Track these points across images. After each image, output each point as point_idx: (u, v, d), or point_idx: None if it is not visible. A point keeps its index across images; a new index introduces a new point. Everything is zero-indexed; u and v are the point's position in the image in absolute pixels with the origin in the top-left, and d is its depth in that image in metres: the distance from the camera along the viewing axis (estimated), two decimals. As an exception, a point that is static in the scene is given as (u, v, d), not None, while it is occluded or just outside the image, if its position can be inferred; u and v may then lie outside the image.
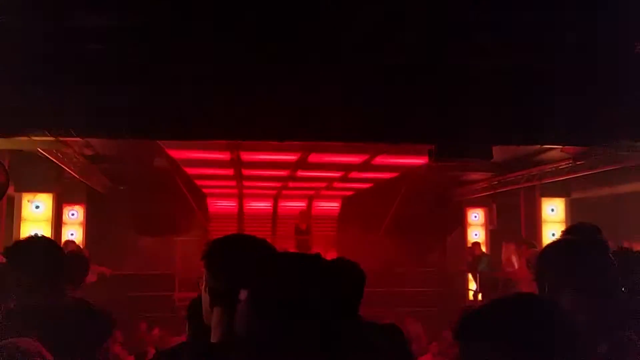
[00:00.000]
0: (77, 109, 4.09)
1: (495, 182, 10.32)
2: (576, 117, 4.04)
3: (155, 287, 10.56)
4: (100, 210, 10.85)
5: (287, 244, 11.08)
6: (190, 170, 9.49)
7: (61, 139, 5.39)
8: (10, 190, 6.76)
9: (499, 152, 7.18)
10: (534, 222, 9.79)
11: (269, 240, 1.60)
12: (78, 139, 5.58)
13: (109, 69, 4.07)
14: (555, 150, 7.26)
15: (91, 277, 9.39)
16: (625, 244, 7.83)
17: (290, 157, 8.05)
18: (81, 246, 9.78)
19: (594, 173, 7.77)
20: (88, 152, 8.29)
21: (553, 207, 9.77)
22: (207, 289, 1.52)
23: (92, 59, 4.02)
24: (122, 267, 10.92)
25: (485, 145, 4.22)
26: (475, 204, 12.12)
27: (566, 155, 7.51)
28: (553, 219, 9.74)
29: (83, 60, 4.01)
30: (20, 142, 5.69)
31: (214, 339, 1.49)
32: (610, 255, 1.84)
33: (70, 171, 8.29)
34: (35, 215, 8.85)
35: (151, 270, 10.97)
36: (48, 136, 4.48)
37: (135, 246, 11.36)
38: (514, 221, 10.33)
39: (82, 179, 9.16)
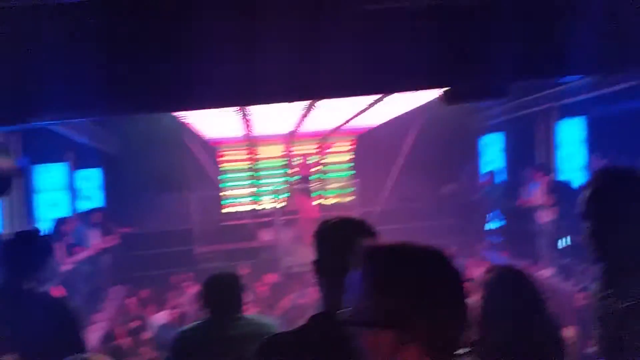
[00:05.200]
0: (90, 89, 3.92)
1: (511, 107, 10.03)
2: (597, 46, 3.81)
3: (176, 243, 10.74)
4: (116, 171, 10.87)
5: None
6: (197, 126, 9.34)
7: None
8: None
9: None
10: (551, 145, 9.61)
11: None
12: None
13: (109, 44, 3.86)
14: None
15: (114, 240, 9.62)
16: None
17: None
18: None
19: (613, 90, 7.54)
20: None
21: (570, 128, 9.55)
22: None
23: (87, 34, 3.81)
24: (143, 226, 11.09)
25: (504, 83, 4.02)
26: (491, 129, 11.92)
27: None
28: (570, 139, 9.54)
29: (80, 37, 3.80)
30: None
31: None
32: None
33: (81, 139, 8.26)
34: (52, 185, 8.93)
35: (170, 227, 11.11)
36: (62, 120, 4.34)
37: (153, 204, 11.45)
38: (531, 145, 10.13)
39: (93, 144, 9.13)
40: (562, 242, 8.73)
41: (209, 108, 5.64)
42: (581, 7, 3.98)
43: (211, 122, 8.88)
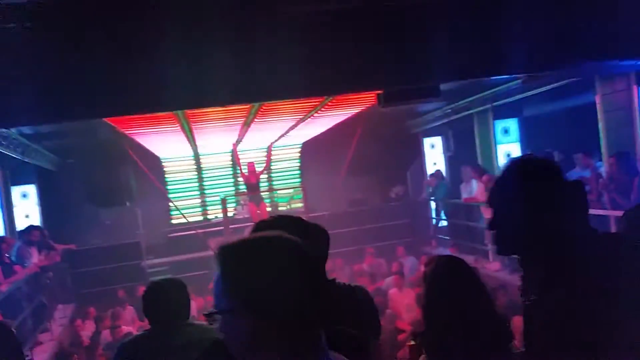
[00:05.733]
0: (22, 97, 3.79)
1: (449, 110, 10.40)
2: (523, 46, 3.99)
3: (122, 257, 10.43)
4: (54, 187, 10.49)
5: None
6: (137, 136, 9.13)
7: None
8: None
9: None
10: (489, 145, 9.95)
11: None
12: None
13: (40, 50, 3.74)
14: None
15: (54, 257, 9.27)
16: (581, 157, 8.00)
17: (242, 111, 7.79)
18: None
19: (543, 90, 7.87)
20: (27, 130, 7.89)
21: (506, 128, 9.92)
22: None
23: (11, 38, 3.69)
24: (87, 242, 10.76)
25: (433, 84, 4.15)
26: (432, 133, 12.24)
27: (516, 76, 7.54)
28: (507, 139, 9.91)
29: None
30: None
31: None
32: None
33: (12, 153, 7.92)
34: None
35: (116, 241, 10.80)
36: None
37: (96, 219, 11.12)
38: (471, 146, 10.47)
39: (26, 159, 8.78)
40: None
41: (149, 112, 5.50)
42: (511, 8, 4.15)
43: (153, 133, 8.71)
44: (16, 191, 9.99)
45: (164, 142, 10.22)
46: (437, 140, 12.42)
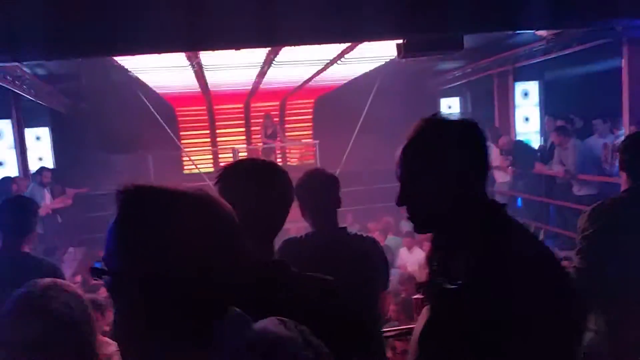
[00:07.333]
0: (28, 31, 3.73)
1: (469, 70, 10.14)
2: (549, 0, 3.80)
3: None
4: (67, 131, 10.50)
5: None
6: (150, 81, 9.00)
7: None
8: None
9: (471, 39, 6.94)
10: (508, 108, 9.73)
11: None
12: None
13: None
14: (527, 33, 7.03)
15: (66, 201, 9.36)
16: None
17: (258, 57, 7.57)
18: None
19: (567, 53, 7.63)
20: (41, 72, 7.84)
21: (526, 91, 9.67)
22: None
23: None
24: (98, 187, 10.82)
25: (456, 35, 3.99)
26: (450, 93, 11.99)
27: (538, 37, 7.28)
28: (527, 102, 9.69)
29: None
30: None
31: None
32: None
33: (26, 94, 7.88)
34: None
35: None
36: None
37: (108, 165, 11.16)
38: (489, 108, 10.25)
39: (40, 101, 8.76)
40: (519, 202, 8.98)
41: (159, 52, 5.32)
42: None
43: (165, 77, 8.59)
44: (30, 133, 10.04)
45: (176, 90, 10.11)
46: (455, 102, 12.19)
